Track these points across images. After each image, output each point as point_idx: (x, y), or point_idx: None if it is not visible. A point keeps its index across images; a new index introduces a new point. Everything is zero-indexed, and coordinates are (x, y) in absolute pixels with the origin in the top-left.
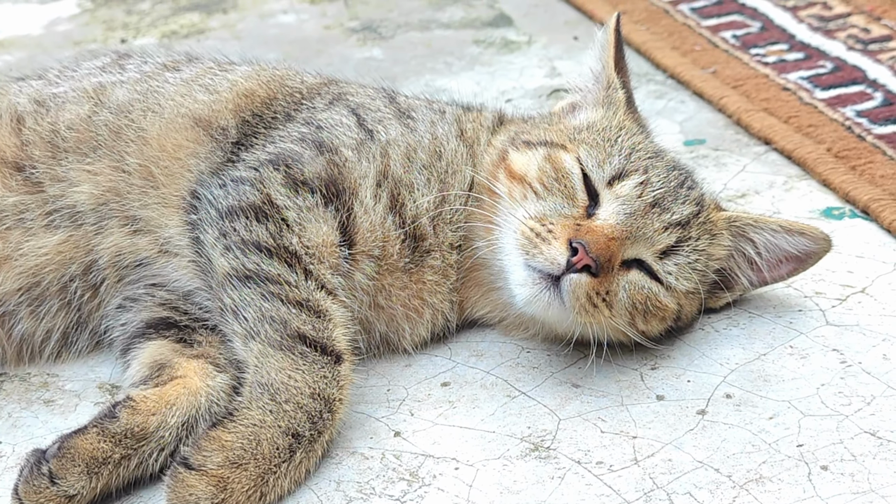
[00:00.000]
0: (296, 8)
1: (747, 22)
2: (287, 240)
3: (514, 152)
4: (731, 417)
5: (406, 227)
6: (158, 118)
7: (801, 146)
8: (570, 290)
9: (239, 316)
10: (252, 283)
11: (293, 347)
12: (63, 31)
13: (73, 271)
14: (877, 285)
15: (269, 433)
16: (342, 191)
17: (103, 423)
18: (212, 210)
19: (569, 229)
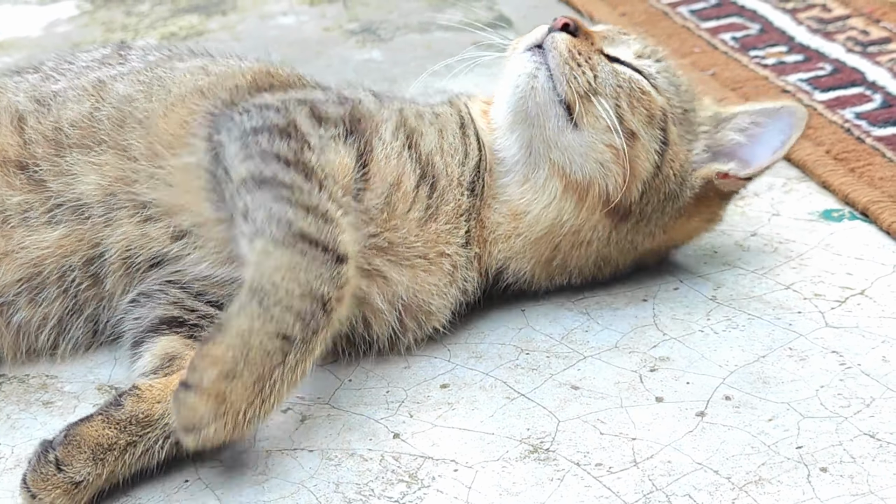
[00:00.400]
0: (295, 10)
1: (746, 24)
2: (307, 157)
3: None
4: (730, 419)
5: (421, 163)
6: (164, 100)
7: (800, 148)
8: (553, 47)
9: (249, 218)
10: (266, 187)
11: (294, 245)
12: (62, 32)
13: (74, 262)
14: (876, 287)
15: (257, 339)
16: (364, 128)
17: (108, 410)
18: (235, 131)
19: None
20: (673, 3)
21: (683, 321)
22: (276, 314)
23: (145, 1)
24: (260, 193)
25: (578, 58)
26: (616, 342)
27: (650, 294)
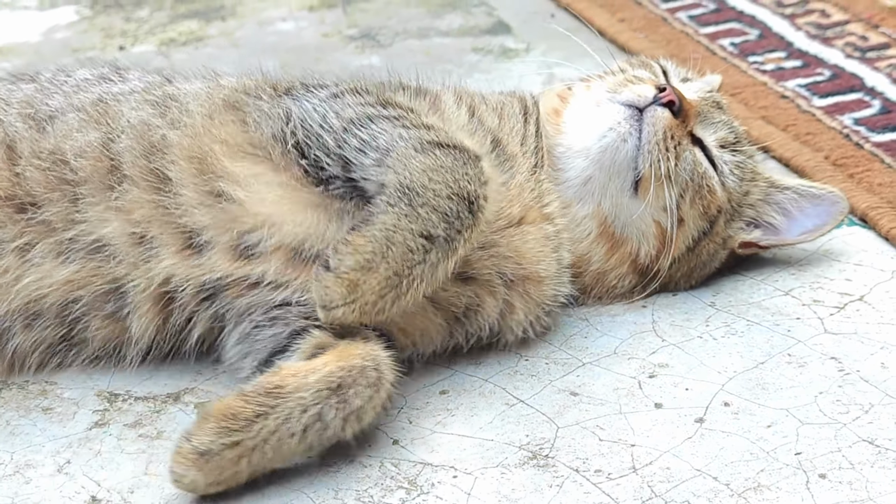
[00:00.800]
0: (294, 15)
1: (745, 29)
2: (395, 99)
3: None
4: (729, 425)
5: (490, 133)
6: (191, 118)
7: (800, 154)
8: (651, 121)
9: (368, 147)
10: (377, 120)
11: (432, 150)
12: (61, 38)
13: (82, 295)
14: (875, 293)
15: (401, 236)
16: (429, 96)
17: (242, 387)
18: (309, 102)
19: (656, 82)
20: (672, 8)
21: (682, 327)
22: (422, 213)
23: (144, 7)
24: (374, 125)
25: (670, 143)
26: (615, 348)
27: (649, 300)
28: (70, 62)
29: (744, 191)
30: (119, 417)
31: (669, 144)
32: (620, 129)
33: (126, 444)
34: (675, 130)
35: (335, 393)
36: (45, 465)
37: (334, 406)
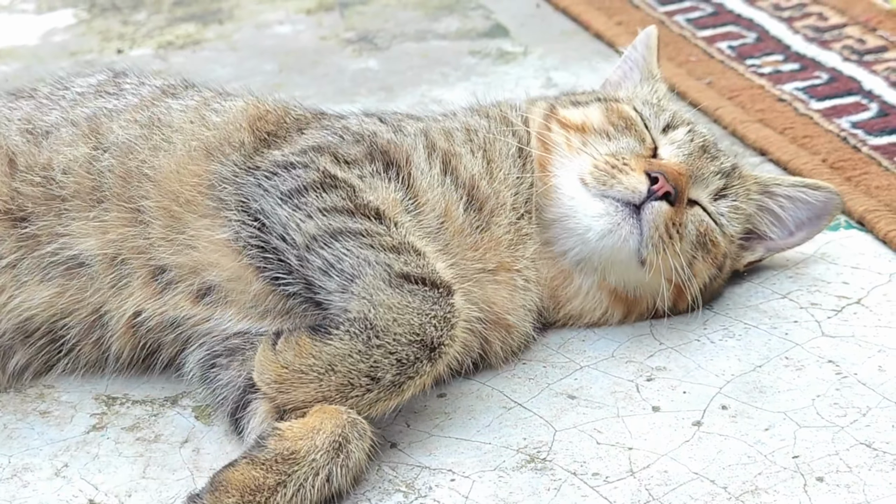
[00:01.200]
0: (292, 18)
1: (743, 33)
2: (363, 198)
3: (564, 109)
4: (726, 429)
5: (465, 188)
6: (170, 155)
7: (797, 157)
8: (651, 219)
9: (333, 270)
10: (343, 238)
11: (401, 286)
12: (59, 41)
13: (70, 323)
14: (872, 296)
15: (345, 368)
16: (396, 160)
17: (252, 453)
18: (270, 198)
19: (643, 162)
20: (669, 11)
21: (680, 331)
22: (375, 356)
23: (142, 10)
24: (338, 245)
25: (672, 230)
26: (613, 352)
27: None
28: (68, 65)
29: (743, 222)
30: (117, 421)
31: (672, 231)
32: (621, 232)
33: (124, 447)
34: (676, 217)
35: (339, 451)
36: (43, 468)
37: (341, 464)
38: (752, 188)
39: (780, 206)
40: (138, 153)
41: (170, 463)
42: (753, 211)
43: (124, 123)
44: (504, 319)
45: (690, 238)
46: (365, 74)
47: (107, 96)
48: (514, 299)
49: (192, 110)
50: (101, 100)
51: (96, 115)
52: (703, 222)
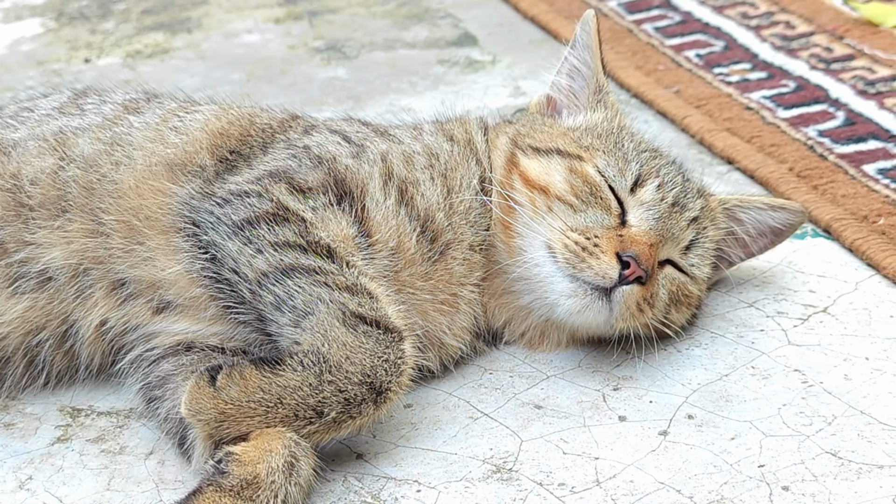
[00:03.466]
0: (260, 27)
1: (711, 41)
2: (315, 235)
3: (525, 158)
4: (692, 438)
5: (420, 219)
6: (131, 170)
7: (764, 165)
8: (622, 302)
9: (285, 306)
10: (295, 274)
11: (356, 326)
12: (27, 50)
13: (43, 338)
14: (838, 305)
15: (294, 401)
16: (351, 190)
17: (216, 480)
18: (221, 227)
19: (613, 242)
20: (637, 20)
21: None
22: (325, 391)
23: (110, 19)
24: (290, 282)
25: (643, 305)
26: (579, 361)
27: None
28: (36, 74)
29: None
30: (81, 433)
31: (643, 306)
32: (590, 313)
33: (88, 459)
34: (648, 293)
35: (292, 470)
36: (7, 481)
37: (293, 482)
38: (718, 216)
39: (745, 231)
40: (100, 167)
41: (135, 475)
42: (721, 237)
43: (88, 140)
44: (439, 339)
45: (663, 301)
46: (333, 83)
47: (70, 116)
48: (454, 322)
49: (153, 127)
50: (66, 118)
51: (62, 131)
52: (675, 280)
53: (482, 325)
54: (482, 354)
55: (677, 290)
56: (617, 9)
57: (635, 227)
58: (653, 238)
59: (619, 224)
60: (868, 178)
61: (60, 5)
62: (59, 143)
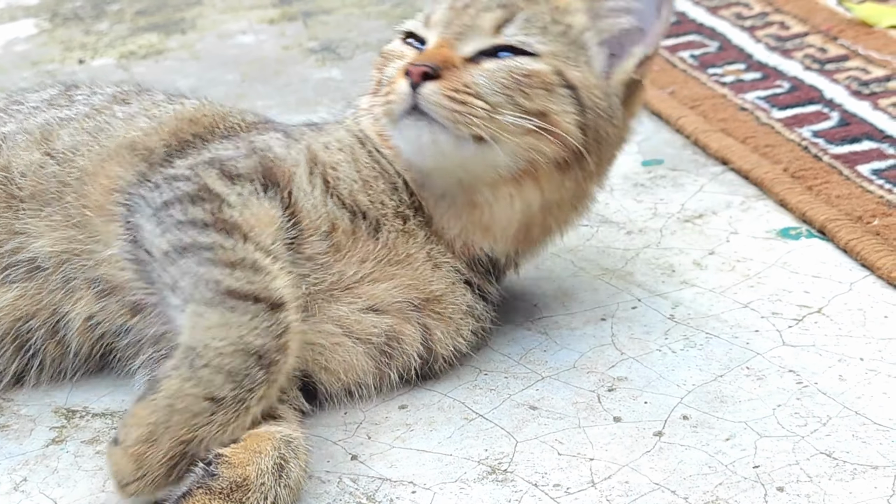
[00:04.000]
0: (255, 28)
1: (705, 42)
2: (226, 214)
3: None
4: (687, 439)
5: (347, 206)
6: (97, 154)
7: (758, 166)
8: (427, 102)
9: (177, 288)
10: (188, 254)
11: (223, 302)
12: (21, 51)
13: (34, 325)
14: (833, 305)
15: (183, 403)
16: (279, 179)
17: (206, 482)
18: (147, 209)
19: (402, 70)
20: None
21: (641, 340)
22: (204, 375)
23: (104, 20)
24: (183, 261)
25: (457, 96)
26: (574, 362)
27: (608, 313)
28: (30, 75)
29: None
30: (76, 434)
31: (459, 97)
32: (424, 137)
33: (83, 460)
34: (452, 84)
35: (281, 472)
36: (1, 482)
37: (283, 485)
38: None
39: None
40: (76, 160)
41: None
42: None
43: (73, 131)
44: (432, 293)
45: (490, 87)
46: (328, 84)
47: (59, 107)
48: (435, 274)
49: (131, 115)
50: (54, 110)
51: (48, 123)
52: (500, 66)
53: (468, 260)
54: (476, 352)
55: (508, 72)
56: None
57: (427, 45)
58: (440, 41)
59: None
60: (862, 179)
61: (54, 6)
62: (43, 136)
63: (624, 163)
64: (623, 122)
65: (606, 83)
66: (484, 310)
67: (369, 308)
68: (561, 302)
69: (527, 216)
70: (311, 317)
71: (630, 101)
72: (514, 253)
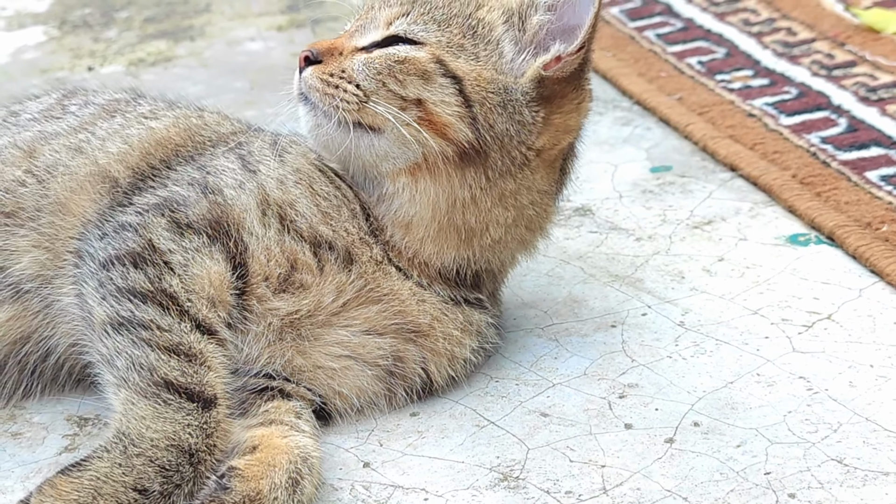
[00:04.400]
0: (263, 35)
1: (713, 48)
2: (166, 282)
3: None
4: (698, 446)
5: (307, 238)
6: (69, 180)
7: (767, 173)
8: (305, 86)
9: (112, 366)
10: (124, 331)
11: (157, 395)
12: (30, 58)
13: (29, 349)
14: (842, 312)
15: (111, 488)
16: (228, 227)
17: (219, 495)
18: (92, 263)
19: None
20: (639, 27)
21: (652, 347)
22: (137, 465)
23: (113, 27)
24: (119, 338)
25: (332, 80)
26: (585, 369)
27: (619, 320)
28: (39, 83)
29: (458, 23)
30: (88, 442)
31: (333, 81)
32: (308, 121)
33: None
34: (329, 69)
35: (296, 487)
36: (15, 490)
37: (298, 500)
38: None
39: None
40: (54, 183)
41: None
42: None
43: (56, 147)
44: (418, 326)
45: (364, 73)
46: None
47: (51, 119)
48: (420, 308)
49: (108, 136)
50: (46, 122)
51: (37, 138)
52: (375, 58)
53: (440, 275)
54: (488, 359)
55: (384, 60)
56: (619, 16)
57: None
58: (342, 34)
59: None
60: (871, 185)
61: (63, 13)
62: (30, 150)
63: (632, 170)
64: (542, 120)
65: (512, 79)
66: (483, 322)
67: (369, 330)
68: (571, 309)
69: (441, 213)
70: (307, 342)
71: (552, 99)
72: (468, 261)
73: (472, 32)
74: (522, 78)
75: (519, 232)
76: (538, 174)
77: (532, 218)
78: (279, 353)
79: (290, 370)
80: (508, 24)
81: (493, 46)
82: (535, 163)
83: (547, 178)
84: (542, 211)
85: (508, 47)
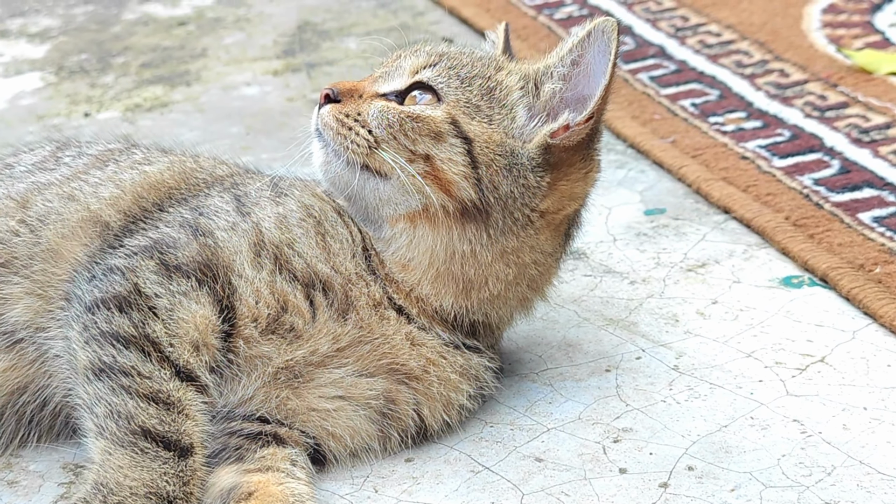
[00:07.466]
0: (259, 80)
1: (706, 90)
2: (150, 328)
3: None
4: (693, 490)
5: (300, 279)
6: (61, 227)
7: (760, 215)
8: (321, 123)
9: (91, 412)
10: (105, 377)
11: (135, 443)
12: (27, 105)
13: (27, 399)
14: (836, 354)
15: None
16: (216, 269)
17: None
18: (79, 306)
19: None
20: (633, 69)
21: (646, 391)
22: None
23: (109, 72)
24: (99, 385)
25: (346, 121)
26: (579, 413)
27: (613, 364)
28: (36, 129)
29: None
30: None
31: (348, 122)
32: (320, 157)
33: None
34: (346, 109)
35: None
36: None
37: None
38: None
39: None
40: (46, 231)
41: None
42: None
43: (49, 196)
44: (411, 370)
45: (378, 121)
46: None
47: (45, 171)
48: (414, 352)
49: (99, 183)
50: (41, 174)
51: (28, 190)
52: (396, 108)
53: (439, 318)
54: (482, 404)
55: (399, 114)
56: None
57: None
58: (367, 78)
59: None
60: (864, 227)
61: (60, 59)
62: (22, 202)
63: (626, 212)
64: (547, 185)
65: (520, 143)
66: (482, 366)
67: (360, 371)
68: (565, 353)
69: (438, 261)
70: (302, 382)
71: (560, 166)
72: (466, 311)
73: (490, 94)
74: (530, 143)
75: (520, 290)
76: (542, 235)
77: (534, 277)
78: (274, 393)
79: (283, 412)
80: (525, 90)
81: (508, 111)
82: (540, 224)
83: (552, 240)
84: (545, 271)
85: (521, 112)
